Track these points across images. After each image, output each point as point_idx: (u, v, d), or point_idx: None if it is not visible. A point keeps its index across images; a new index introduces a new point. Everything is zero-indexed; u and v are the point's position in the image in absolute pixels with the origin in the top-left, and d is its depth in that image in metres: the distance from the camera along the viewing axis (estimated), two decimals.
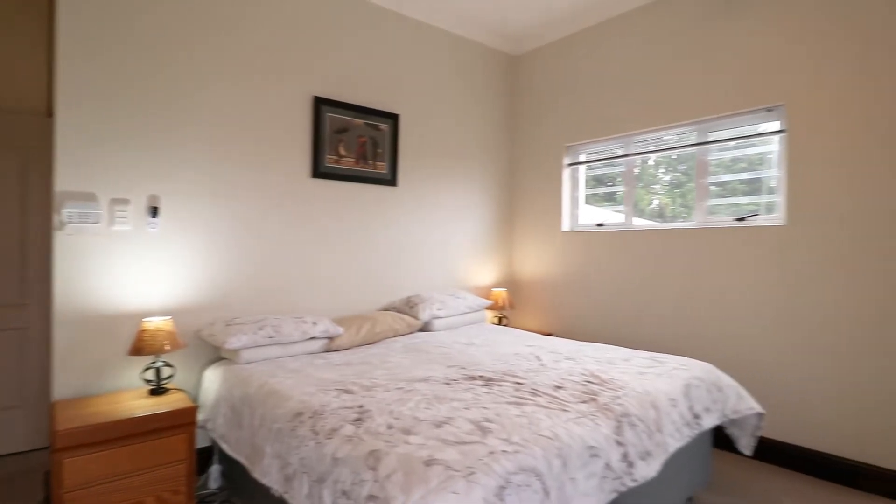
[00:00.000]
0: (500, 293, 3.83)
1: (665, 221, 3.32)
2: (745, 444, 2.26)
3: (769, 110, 2.74)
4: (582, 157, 3.77)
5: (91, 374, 2.24)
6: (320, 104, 2.97)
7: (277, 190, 2.83)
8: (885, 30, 2.30)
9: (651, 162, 3.46)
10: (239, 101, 2.66)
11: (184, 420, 2.06)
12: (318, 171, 2.98)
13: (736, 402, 2.20)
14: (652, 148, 3.34)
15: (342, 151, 3.10)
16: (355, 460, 1.33)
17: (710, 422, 2.07)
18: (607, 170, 3.58)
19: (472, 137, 3.90)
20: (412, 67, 3.49)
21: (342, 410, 1.64)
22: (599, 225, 3.62)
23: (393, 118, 3.34)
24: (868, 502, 2.26)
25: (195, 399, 2.43)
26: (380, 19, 3.30)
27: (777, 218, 2.71)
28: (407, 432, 1.45)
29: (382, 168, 3.31)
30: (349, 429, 1.50)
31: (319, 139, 2.97)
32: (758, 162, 2.86)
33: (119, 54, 2.28)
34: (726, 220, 2.93)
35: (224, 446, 2.04)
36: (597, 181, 3.72)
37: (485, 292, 3.96)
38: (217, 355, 2.52)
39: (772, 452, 2.64)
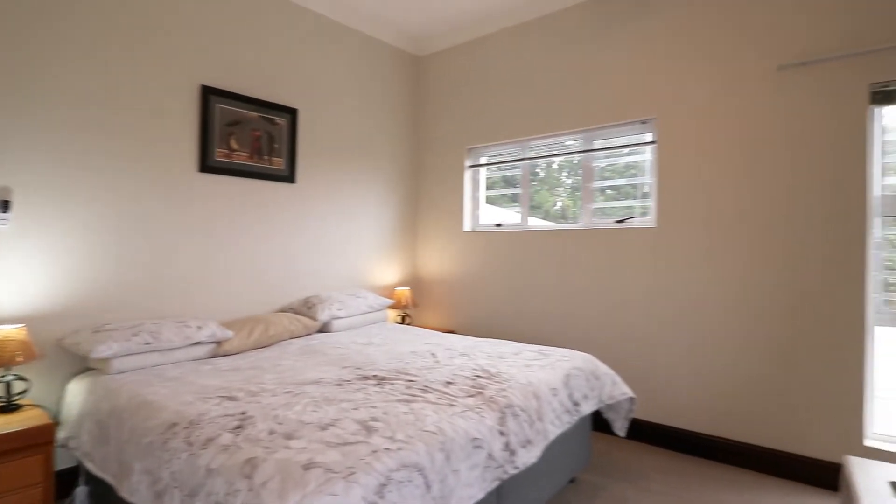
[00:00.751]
0: (404, 292, 3.85)
1: (567, 222, 3.51)
2: (620, 427, 2.48)
3: (644, 122, 3.02)
4: (483, 160, 3.89)
5: None
6: (209, 94, 2.80)
7: (159, 184, 2.62)
8: (737, 53, 2.64)
9: (555, 166, 3.66)
10: (112, 84, 2.42)
11: (39, 439, 1.84)
12: (206, 166, 2.80)
13: (611, 388, 2.41)
14: (555, 152, 3.52)
15: (234, 145, 2.94)
16: (230, 469, 1.28)
17: (588, 408, 2.24)
18: (516, 171, 3.73)
19: (375, 135, 3.88)
20: (312, 62, 3.40)
21: (222, 419, 1.57)
22: (498, 225, 3.77)
23: (291, 112, 3.23)
24: (721, 471, 2.58)
25: (55, 416, 2.18)
26: (277, 9, 3.16)
27: (649, 220, 2.99)
28: (289, 437, 1.42)
29: (279, 164, 3.19)
30: (227, 437, 1.43)
31: (208, 131, 2.79)
32: (643, 169, 3.13)
33: None
34: (608, 222, 3.18)
35: (89, 465, 1.86)
36: (506, 182, 3.86)
37: (388, 291, 3.96)
38: (84, 366, 2.29)
39: (643, 432, 2.92)
